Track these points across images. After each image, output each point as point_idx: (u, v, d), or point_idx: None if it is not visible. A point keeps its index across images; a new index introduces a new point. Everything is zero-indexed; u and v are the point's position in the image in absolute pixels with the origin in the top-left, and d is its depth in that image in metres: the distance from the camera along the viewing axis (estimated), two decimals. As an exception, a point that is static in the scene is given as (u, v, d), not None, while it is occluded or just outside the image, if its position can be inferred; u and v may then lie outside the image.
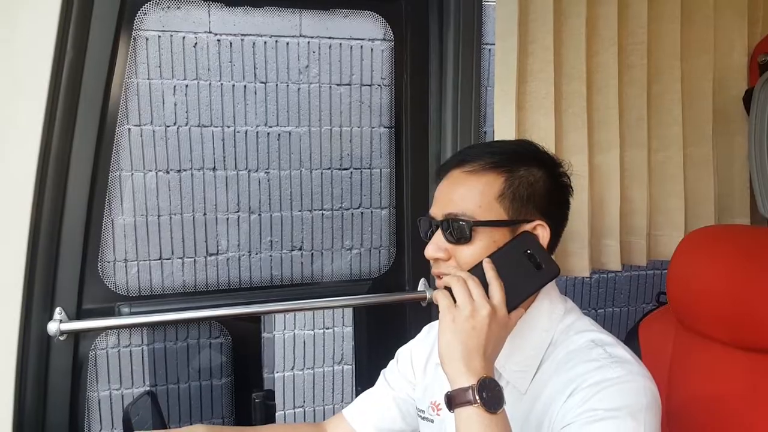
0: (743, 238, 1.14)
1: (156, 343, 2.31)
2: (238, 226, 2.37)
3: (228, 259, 2.36)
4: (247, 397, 1.49)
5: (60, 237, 1.27)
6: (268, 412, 1.47)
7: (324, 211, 2.45)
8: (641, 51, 1.45)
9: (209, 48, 2.26)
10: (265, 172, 2.38)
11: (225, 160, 2.32)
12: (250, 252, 2.38)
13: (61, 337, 1.28)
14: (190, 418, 2.33)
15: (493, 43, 1.39)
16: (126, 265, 2.23)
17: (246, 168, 2.36)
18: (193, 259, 2.32)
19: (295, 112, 2.39)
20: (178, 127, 2.27)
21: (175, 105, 2.25)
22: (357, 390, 1.24)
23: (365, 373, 1.61)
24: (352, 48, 2.39)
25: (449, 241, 0.91)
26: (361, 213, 2.50)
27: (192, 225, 2.30)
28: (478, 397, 0.76)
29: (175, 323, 1.88)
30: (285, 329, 2.54)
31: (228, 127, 2.33)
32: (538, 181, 0.93)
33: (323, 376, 2.61)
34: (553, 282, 0.94)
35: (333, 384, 2.61)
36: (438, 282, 0.92)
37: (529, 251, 0.88)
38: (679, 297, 1.18)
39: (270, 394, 1.49)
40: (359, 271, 2.53)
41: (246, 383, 1.59)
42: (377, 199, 2.49)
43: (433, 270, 0.95)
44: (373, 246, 2.50)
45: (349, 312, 2.41)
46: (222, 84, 2.30)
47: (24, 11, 1.15)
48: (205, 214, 2.32)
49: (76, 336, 1.32)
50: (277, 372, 2.54)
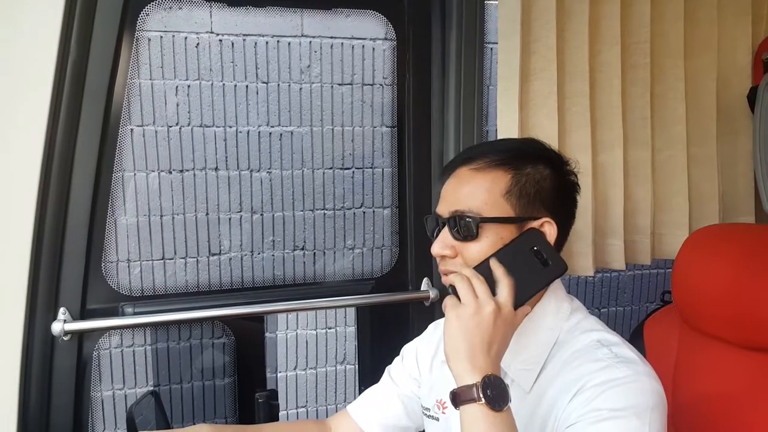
0: (748, 236, 1.14)
1: (159, 343, 2.32)
2: (240, 226, 2.38)
3: (231, 259, 2.36)
4: (251, 396, 1.49)
5: (63, 237, 1.28)
6: (272, 412, 1.47)
7: (326, 211, 2.46)
8: (644, 50, 1.45)
9: (211, 48, 2.26)
10: (267, 172, 2.38)
11: (227, 160, 2.33)
12: (252, 252, 2.39)
13: (65, 337, 1.28)
14: (194, 418, 2.33)
15: (496, 42, 1.39)
16: (129, 265, 2.23)
17: (248, 168, 2.36)
18: (195, 259, 2.32)
19: (297, 111, 2.39)
20: (180, 128, 2.27)
21: (177, 105, 2.25)
22: (360, 389, 1.24)
23: (368, 372, 1.61)
24: (354, 47, 2.39)
25: (456, 238, 0.91)
26: (364, 212, 2.50)
27: (195, 225, 2.30)
28: (482, 394, 0.76)
29: (179, 323, 1.88)
30: (288, 329, 2.54)
31: (230, 127, 2.33)
32: (546, 179, 0.93)
33: (326, 376, 2.61)
34: (559, 281, 0.94)
35: (336, 384, 2.62)
36: (443, 279, 0.92)
37: (535, 248, 0.88)
38: (683, 296, 1.18)
39: (273, 394, 1.49)
40: (362, 270, 2.53)
41: (249, 383, 1.60)
42: (380, 198, 2.50)
43: (440, 267, 0.95)
44: (375, 245, 2.50)
45: (351, 311, 2.42)
46: (224, 84, 2.30)
47: (27, 12, 1.15)
48: (207, 214, 2.32)
49: (80, 336, 1.32)
50: (280, 372, 2.54)
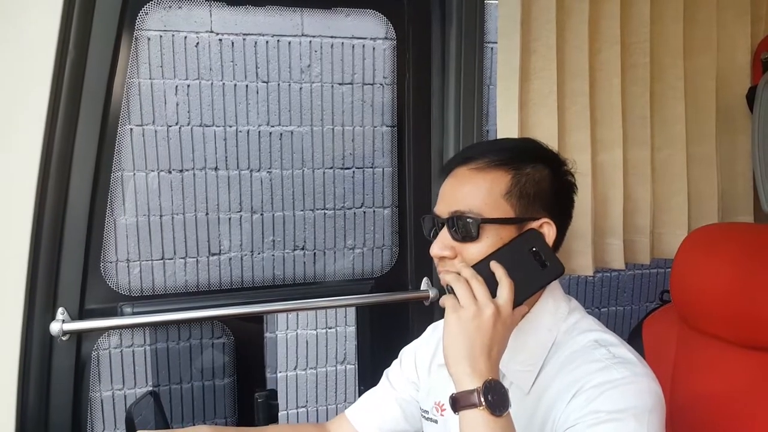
0: (747, 235, 1.14)
1: (158, 343, 2.31)
2: (240, 226, 2.37)
3: (230, 258, 2.36)
4: (250, 397, 1.48)
5: (62, 237, 1.27)
6: (271, 412, 1.47)
7: (326, 211, 2.45)
8: (644, 49, 1.45)
9: (211, 47, 2.26)
10: (267, 172, 2.38)
11: (227, 160, 2.33)
12: (252, 252, 2.38)
13: (64, 338, 1.28)
14: (193, 418, 2.33)
15: (496, 42, 1.39)
16: (128, 265, 2.23)
17: (248, 167, 2.36)
18: (195, 258, 2.32)
19: (297, 111, 2.39)
20: (179, 127, 2.27)
21: (176, 105, 2.25)
22: (360, 389, 1.24)
23: (368, 372, 1.61)
24: (354, 47, 2.39)
25: (455, 239, 0.90)
26: (364, 212, 2.50)
27: (194, 225, 2.30)
28: (483, 399, 0.75)
29: (178, 323, 1.88)
30: (288, 329, 2.54)
31: (230, 126, 2.33)
32: (545, 179, 0.93)
33: (326, 376, 2.61)
34: (557, 281, 0.93)
35: (336, 384, 2.62)
36: (442, 280, 0.91)
37: (534, 249, 0.88)
38: (682, 295, 1.18)
39: (273, 394, 1.49)
40: (362, 270, 2.53)
41: (249, 383, 1.59)
42: (380, 198, 2.49)
43: (439, 268, 0.94)
44: (375, 245, 2.50)
45: (351, 311, 2.42)
46: (224, 83, 2.30)
47: (26, 12, 1.15)
48: (207, 213, 2.32)
49: (79, 336, 1.32)
50: (279, 372, 2.54)
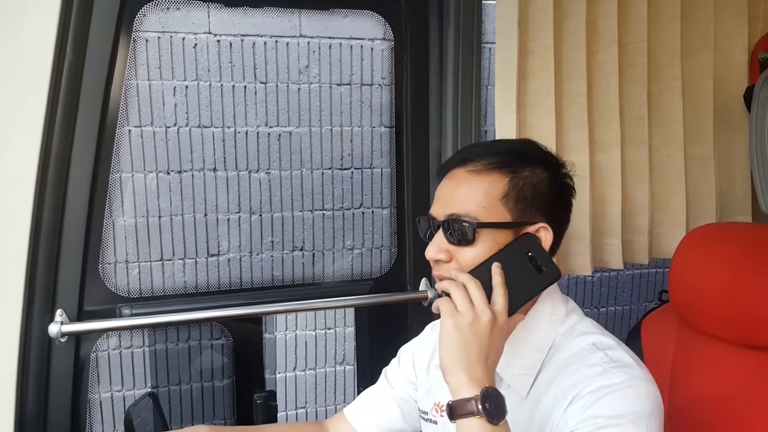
0: (745, 235, 1.14)
1: (157, 345, 2.31)
2: (239, 227, 2.37)
3: (229, 259, 2.36)
4: (249, 398, 1.48)
5: (61, 239, 1.27)
6: (270, 413, 1.47)
7: (325, 211, 2.45)
8: (642, 49, 1.45)
9: (209, 49, 2.26)
10: (266, 173, 2.38)
11: (225, 161, 2.32)
12: (251, 252, 2.38)
13: (63, 339, 1.28)
14: (192, 420, 2.33)
15: (494, 42, 1.39)
16: (127, 267, 2.23)
17: (246, 168, 2.36)
18: (194, 260, 2.32)
19: (295, 112, 2.38)
20: (178, 128, 2.27)
21: (175, 106, 2.25)
22: (359, 390, 1.24)
23: (367, 373, 1.61)
24: (352, 48, 2.39)
25: (450, 242, 0.89)
26: (362, 213, 2.50)
27: (193, 226, 2.30)
28: (481, 407, 0.74)
29: (177, 324, 1.88)
30: (286, 330, 2.54)
31: (228, 127, 2.33)
32: (543, 182, 0.92)
33: (325, 377, 2.61)
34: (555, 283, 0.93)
35: (335, 384, 2.61)
36: (437, 285, 0.90)
37: (530, 254, 0.87)
38: (680, 295, 1.18)
39: (272, 395, 1.49)
40: (360, 271, 2.53)
41: (248, 384, 1.59)
42: (378, 198, 2.49)
43: (434, 272, 0.92)
44: (374, 246, 2.50)
45: (350, 312, 2.41)
46: (222, 84, 2.30)
47: (23, 13, 1.15)
48: (205, 214, 2.32)
49: (78, 338, 1.32)
50: (278, 373, 2.54)
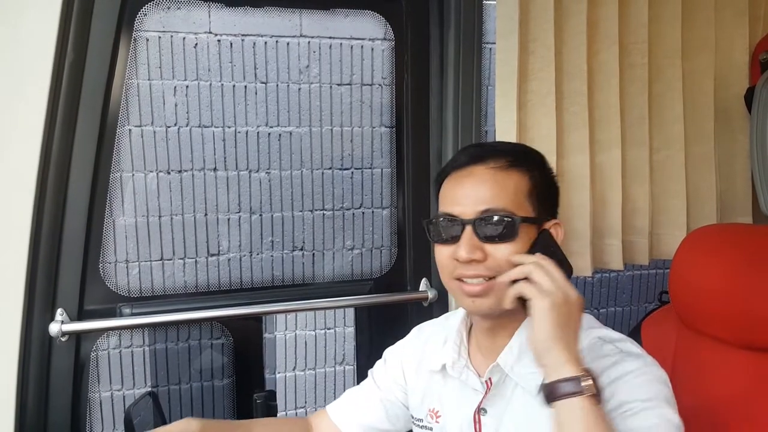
0: (745, 236, 1.14)
1: (157, 344, 2.31)
2: (239, 227, 2.37)
3: (229, 259, 2.36)
4: (249, 397, 1.49)
5: (61, 238, 1.27)
6: (270, 413, 1.47)
7: (325, 211, 2.45)
8: (642, 50, 1.45)
9: (209, 48, 2.26)
10: (266, 173, 2.38)
11: (226, 161, 2.32)
12: (251, 252, 2.38)
13: (63, 338, 1.28)
14: (192, 419, 2.32)
15: (494, 42, 1.39)
16: (127, 266, 2.23)
17: (247, 168, 2.36)
18: (194, 259, 2.32)
19: (295, 112, 2.38)
20: (178, 128, 2.27)
21: (175, 105, 2.25)
22: (359, 390, 1.24)
23: (367, 373, 1.60)
24: (352, 48, 2.39)
25: (484, 240, 0.87)
26: (362, 213, 2.50)
27: (193, 225, 2.30)
28: (592, 384, 0.74)
29: (177, 324, 1.88)
30: (286, 330, 2.54)
31: (228, 127, 2.33)
32: (548, 182, 0.96)
33: (325, 377, 2.61)
34: None
35: (335, 384, 2.61)
36: (467, 289, 0.88)
37: (552, 249, 0.89)
38: (681, 296, 1.18)
39: (271, 395, 1.49)
40: (360, 271, 2.53)
41: (247, 384, 1.59)
42: (378, 198, 2.49)
43: (461, 272, 0.89)
44: (374, 246, 2.50)
45: (350, 312, 2.41)
46: (222, 84, 2.29)
47: (25, 13, 1.15)
48: (206, 214, 2.32)
49: (78, 337, 1.32)
50: (278, 372, 2.54)
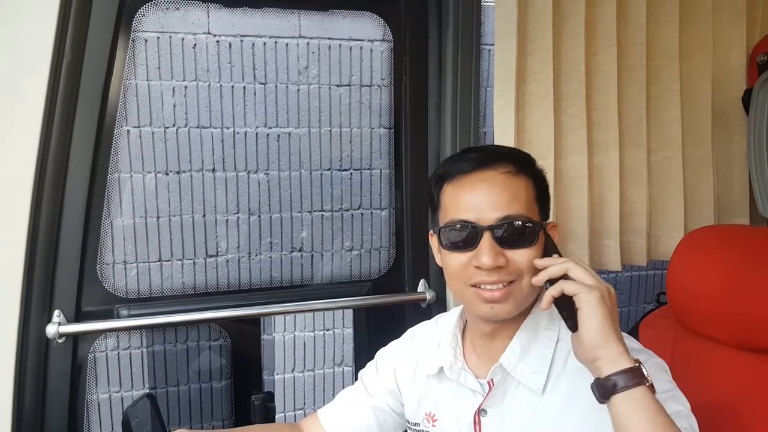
0: (743, 238, 1.14)
1: (155, 346, 2.31)
2: (237, 228, 2.37)
3: (227, 260, 2.36)
4: (247, 399, 1.48)
5: (58, 239, 1.27)
6: (268, 415, 1.47)
7: (324, 212, 2.45)
8: (640, 52, 1.45)
9: (208, 49, 2.26)
10: (265, 174, 2.38)
11: (224, 162, 2.32)
12: (249, 253, 2.38)
13: (60, 340, 1.28)
14: (190, 420, 2.32)
15: (493, 44, 1.39)
16: (125, 267, 2.23)
17: (245, 169, 2.35)
18: (192, 260, 2.32)
19: (294, 113, 2.38)
20: (177, 129, 2.26)
21: (174, 106, 2.25)
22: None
23: (365, 374, 1.60)
24: (351, 49, 2.39)
25: (504, 246, 0.87)
26: (361, 214, 2.50)
27: (191, 226, 2.30)
28: (648, 374, 0.74)
29: (175, 325, 1.87)
30: (285, 331, 2.54)
31: (227, 128, 2.33)
32: (546, 185, 0.96)
33: (323, 378, 2.61)
34: None
35: (333, 386, 2.61)
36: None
37: (556, 249, 0.90)
38: (678, 297, 1.18)
39: (270, 396, 1.49)
40: (359, 272, 2.52)
41: (245, 385, 1.59)
42: (377, 199, 2.49)
43: (481, 279, 0.87)
44: (372, 247, 2.50)
45: (349, 313, 2.41)
46: (221, 85, 2.29)
47: (22, 13, 1.15)
48: (204, 215, 2.31)
49: (75, 338, 1.32)
50: (277, 374, 2.53)
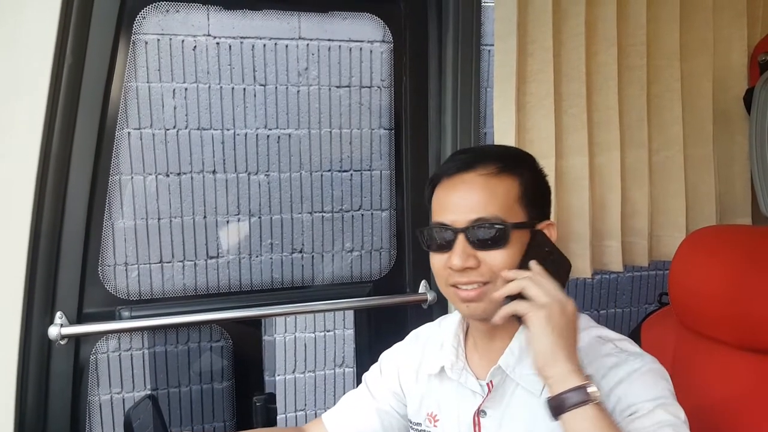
0: (745, 238, 1.14)
1: (157, 347, 2.31)
2: (238, 229, 2.37)
3: (228, 262, 2.36)
4: (248, 400, 1.48)
5: (60, 241, 1.27)
6: (269, 416, 1.47)
7: (324, 214, 2.45)
8: (641, 51, 1.45)
9: (208, 51, 2.26)
10: (265, 175, 2.38)
11: (225, 163, 2.32)
12: (250, 255, 2.38)
13: (62, 341, 1.28)
14: (192, 422, 2.32)
15: (493, 44, 1.39)
16: (126, 269, 2.23)
17: (246, 171, 2.36)
18: (193, 262, 2.32)
19: (294, 114, 2.38)
20: (177, 131, 2.27)
21: (174, 108, 2.25)
22: (358, 393, 1.24)
23: (366, 375, 1.60)
24: (351, 50, 2.39)
25: (477, 247, 0.88)
26: (362, 215, 2.50)
27: (192, 228, 2.30)
28: (597, 392, 0.74)
29: (176, 327, 1.88)
30: (286, 332, 2.54)
31: (228, 129, 2.33)
32: (538, 183, 0.96)
33: (324, 379, 2.61)
34: None
35: (334, 387, 2.61)
36: (461, 295, 0.89)
37: (547, 249, 0.90)
38: (680, 298, 1.18)
39: (271, 398, 1.49)
40: (360, 273, 2.52)
41: (247, 386, 1.59)
42: (377, 200, 2.49)
43: (456, 280, 0.90)
44: (373, 248, 2.49)
45: (350, 314, 2.41)
46: (221, 87, 2.29)
47: (24, 16, 1.15)
48: (205, 217, 2.31)
49: (77, 340, 1.32)
50: (278, 375, 2.53)
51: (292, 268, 2.42)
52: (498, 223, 0.88)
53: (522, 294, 0.82)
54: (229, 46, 2.28)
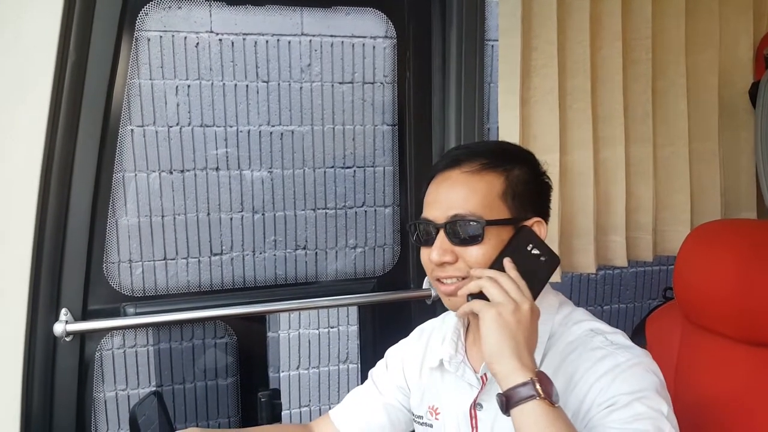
0: (750, 232, 1.14)
1: (161, 343, 2.32)
2: (241, 226, 2.37)
3: (232, 258, 2.36)
4: (253, 396, 1.49)
5: (65, 238, 1.27)
6: (274, 412, 1.47)
7: (328, 210, 2.45)
8: (646, 46, 1.45)
9: (211, 48, 2.26)
10: (269, 172, 2.38)
11: (228, 160, 2.32)
12: (254, 251, 2.38)
13: (67, 338, 1.28)
14: (197, 418, 2.33)
15: (496, 39, 1.39)
16: (131, 266, 2.23)
17: (249, 167, 2.36)
18: (197, 259, 2.32)
19: (297, 110, 2.38)
20: (180, 128, 2.27)
21: (177, 105, 2.25)
22: (362, 389, 1.24)
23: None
24: (354, 46, 2.38)
25: (455, 243, 0.91)
26: (365, 211, 2.50)
27: (196, 225, 2.30)
28: (541, 389, 0.75)
29: (181, 323, 1.88)
30: (290, 328, 2.54)
31: (230, 126, 2.32)
32: (531, 179, 0.96)
33: (329, 375, 2.61)
34: None
35: (339, 383, 2.61)
36: (440, 289, 0.93)
37: (530, 245, 0.91)
38: (685, 292, 1.18)
39: (276, 393, 1.49)
40: (364, 269, 2.53)
41: (252, 382, 1.59)
42: (381, 197, 2.49)
43: (439, 274, 0.93)
44: (377, 244, 2.49)
45: (354, 310, 2.41)
46: (224, 84, 2.29)
47: (26, 14, 1.15)
48: (208, 213, 2.32)
49: (82, 337, 1.32)
50: (282, 371, 2.54)
51: (296, 264, 2.42)
52: (473, 220, 0.89)
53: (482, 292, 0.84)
54: (232, 43, 2.28)
